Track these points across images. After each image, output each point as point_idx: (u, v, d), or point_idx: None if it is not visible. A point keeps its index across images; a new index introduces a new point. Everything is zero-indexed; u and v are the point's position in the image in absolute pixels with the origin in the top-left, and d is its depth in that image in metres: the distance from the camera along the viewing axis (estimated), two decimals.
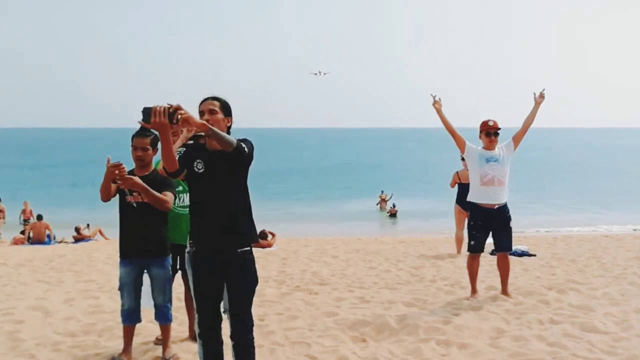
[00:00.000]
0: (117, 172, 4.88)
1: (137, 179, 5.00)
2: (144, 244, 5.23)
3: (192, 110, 3.86)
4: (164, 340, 5.56)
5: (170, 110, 3.69)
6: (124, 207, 5.28)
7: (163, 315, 5.43)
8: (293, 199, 36.16)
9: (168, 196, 5.15)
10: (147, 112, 3.70)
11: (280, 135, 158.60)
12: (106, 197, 5.12)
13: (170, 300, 5.43)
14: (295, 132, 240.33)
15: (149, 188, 5.02)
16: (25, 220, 22.04)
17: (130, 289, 5.31)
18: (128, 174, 5.20)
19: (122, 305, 5.36)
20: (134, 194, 5.18)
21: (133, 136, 5.27)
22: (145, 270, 5.33)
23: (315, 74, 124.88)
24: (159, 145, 5.24)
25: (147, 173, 5.26)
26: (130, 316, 5.37)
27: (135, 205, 5.22)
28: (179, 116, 3.70)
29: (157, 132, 5.14)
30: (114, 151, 5.71)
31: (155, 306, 5.41)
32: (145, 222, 5.20)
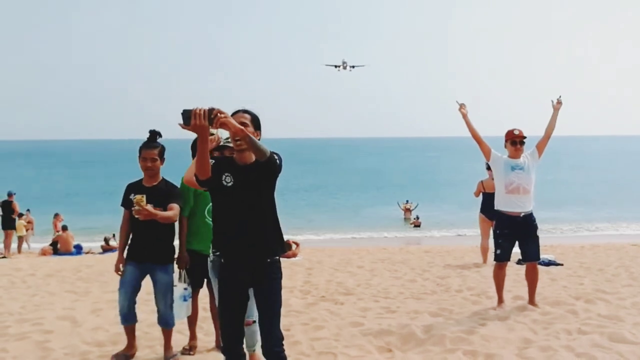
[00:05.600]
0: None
1: (151, 210, 5.21)
2: (149, 251, 5.50)
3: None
4: (165, 343, 5.77)
5: (212, 115, 3.69)
6: (132, 218, 5.45)
7: (165, 321, 5.65)
8: (316, 209, 36.19)
9: (174, 209, 5.39)
10: (187, 115, 3.71)
11: (295, 145, 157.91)
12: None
13: (172, 306, 5.60)
14: (310, 143, 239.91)
15: (158, 213, 5.24)
16: (57, 232, 22.33)
17: (127, 289, 5.56)
18: (136, 185, 5.57)
19: (119, 306, 5.62)
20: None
21: (141, 148, 5.50)
22: (150, 275, 5.58)
23: (337, 67, 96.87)
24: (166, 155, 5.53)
25: (155, 183, 5.50)
26: (126, 317, 5.64)
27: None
28: (218, 118, 3.72)
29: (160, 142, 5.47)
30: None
31: (158, 311, 5.63)
32: (151, 231, 5.43)
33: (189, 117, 3.71)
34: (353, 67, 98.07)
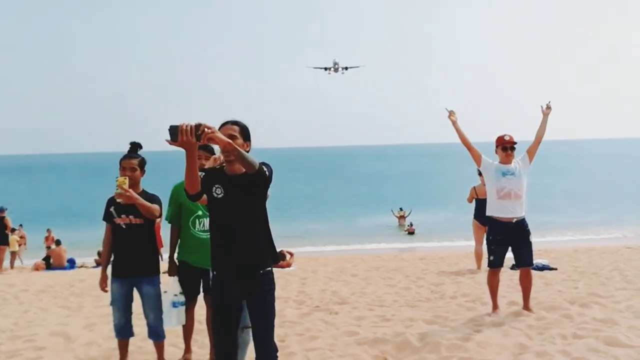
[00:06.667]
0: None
1: (133, 193, 5.21)
2: (133, 263, 5.47)
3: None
4: (158, 356, 5.74)
5: (199, 131, 3.67)
6: (115, 229, 5.52)
7: (155, 333, 5.62)
8: (310, 218, 36.14)
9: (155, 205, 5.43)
10: (174, 131, 3.69)
11: (288, 155, 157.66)
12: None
13: (161, 319, 5.58)
14: (302, 152, 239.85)
15: (139, 198, 5.25)
16: (47, 247, 22.20)
17: (120, 305, 5.54)
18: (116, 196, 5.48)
19: (114, 320, 5.59)
20: (122, 216, 5.43)
21: (121, 159, 5.52)
22: (136, 288, 5.57)
23: (327, 69, 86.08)
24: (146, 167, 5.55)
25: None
26: (122, 331, 5.62)
27: (124, 226, 5.45)
28: (205, 133, 3.70)
29: (140, 155, 5.54)
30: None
31: (148, 325, 5.61)
32: (134, 242, 5.45)
33: (176, 133, 3.69)
34: (346, 68, 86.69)
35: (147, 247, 5.53)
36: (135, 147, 5.56)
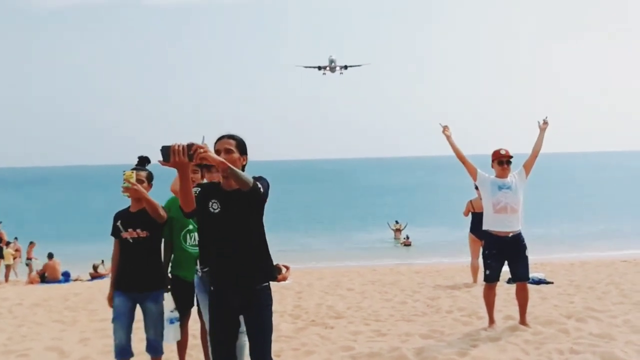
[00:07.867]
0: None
1: (140, 187, 5.19)
2: (138, 278, 5.38)
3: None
4: None
5: (191, 151, 3.64)
6: (122, 244, 5.45)
7: (154, 349, 5.54)
8: (306, 231, 36.09)
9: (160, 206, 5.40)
10: (166, 152, 3.66)
11: (281, 168, 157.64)
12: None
13: (161, 335, 5.50)
14: (296, 164, 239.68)
15: (145, 192, 5.24)
16: (28, 259, 22.01)
17: (122, 322, 5.41)
18: (123, 212, 5.50)
19: (115, 340, 5.44)
20: (129, 230, 5.36)
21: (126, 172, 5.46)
22: (139, 304, 5.47)
23: (321, 69, 72.55)
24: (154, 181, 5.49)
25: (141, 207, 5.41)
26: (122, 351, 5.44)
27: (131, 240, 5.38)
28: (198, 153, 3.68)
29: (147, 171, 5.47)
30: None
31: (147, 339, 5.53)
32: (140, 257, 5.38)
33: (168, 154, 3.66)
34: (345, 67, 72.69)
35: (153, 262, 5.47)
36: (143, 161, 5.54)
